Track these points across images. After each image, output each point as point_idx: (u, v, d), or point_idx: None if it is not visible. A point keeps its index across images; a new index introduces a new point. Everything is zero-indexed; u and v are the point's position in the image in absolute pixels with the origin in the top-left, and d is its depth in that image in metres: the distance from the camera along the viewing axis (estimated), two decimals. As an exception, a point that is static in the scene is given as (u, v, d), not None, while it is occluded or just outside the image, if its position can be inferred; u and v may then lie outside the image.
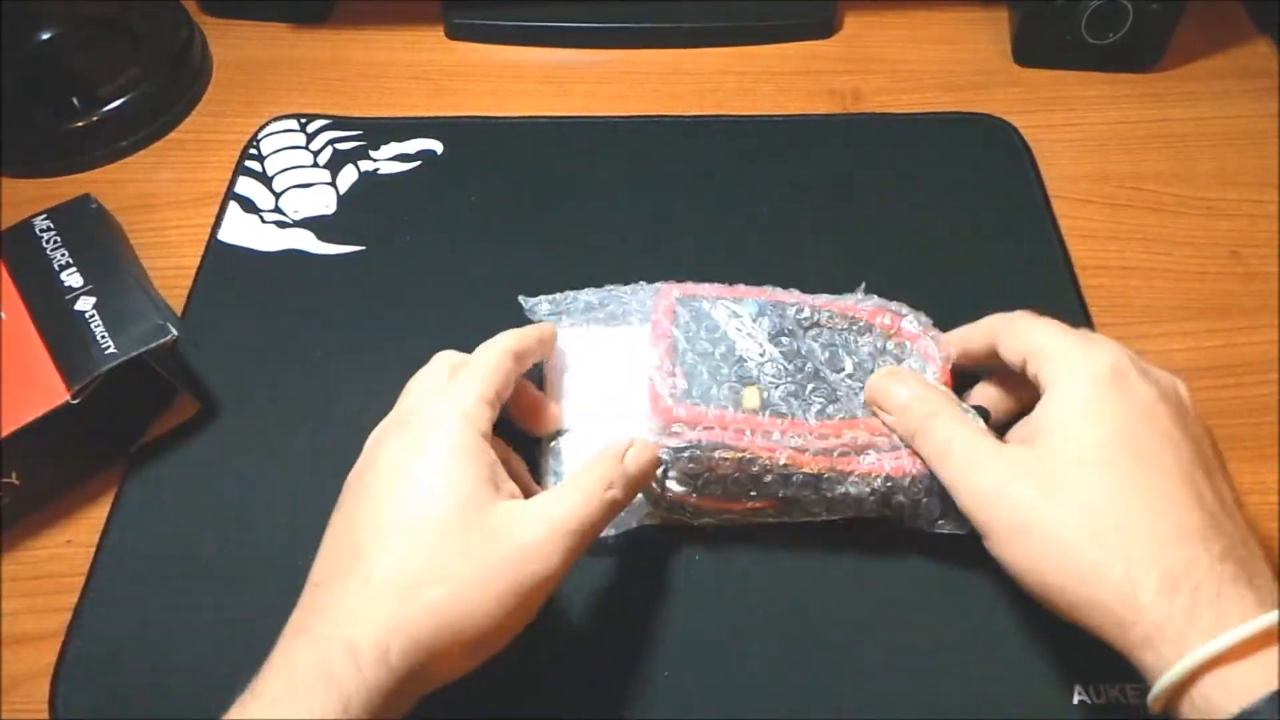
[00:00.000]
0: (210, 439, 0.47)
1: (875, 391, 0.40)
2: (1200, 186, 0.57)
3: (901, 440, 0.40)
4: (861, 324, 0.43)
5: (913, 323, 0.43)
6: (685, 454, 0.39)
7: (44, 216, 0.49)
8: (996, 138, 0.59)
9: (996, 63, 0.63)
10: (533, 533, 0.34)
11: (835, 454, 0.39)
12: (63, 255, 0.47)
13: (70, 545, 0.44)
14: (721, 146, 0.59)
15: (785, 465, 0.39)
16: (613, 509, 0.36)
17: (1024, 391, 0.41)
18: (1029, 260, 0.53)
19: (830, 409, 0.40)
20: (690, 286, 0.44)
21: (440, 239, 0.54)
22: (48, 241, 0.48)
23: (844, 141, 0.59)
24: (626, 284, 0.46)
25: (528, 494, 0.36)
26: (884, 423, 0.40)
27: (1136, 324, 0.51)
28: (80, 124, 0.59)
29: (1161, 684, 0.30)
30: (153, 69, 0.61)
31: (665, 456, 0.39)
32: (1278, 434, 0.47)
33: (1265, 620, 0.29)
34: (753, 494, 0.40)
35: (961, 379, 0.43)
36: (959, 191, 0.56)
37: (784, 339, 0.42)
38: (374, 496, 0.35)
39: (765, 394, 0.40)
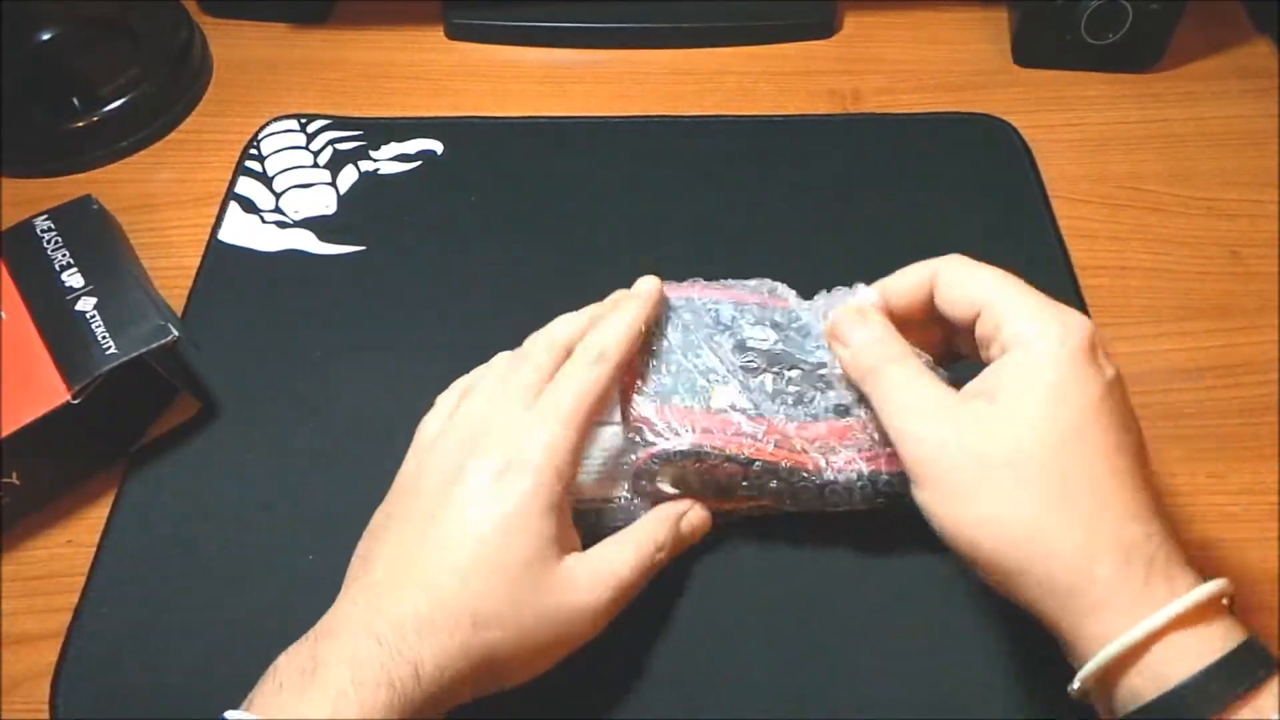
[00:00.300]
0: (210, 439, 0.47)
1: (836, 324, 0.39)
2: (1200, 186, 0.57)
3: (850, 379, 0.38)
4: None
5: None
6: (675, 457, 0.39)
7: (45, 217, 0.49)
8: (996, 138, 0.59)
9: (996, 63, 0.63)
10: (587, 595, 0.36)
11: (814, 448, 0.39)
12: (63, 256, 0.47)
13: (70, 545, 0.44)
14: (721, 146, 0.58)
15: (769, 462, 0.38)
16: (655, 570, 0.38)
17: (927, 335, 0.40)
18: (1029, 260, 0.52)
19: (802, 408, 0.40)
20: (668, 286, 0.43)
21: (440, 239, 0.54)
22: (48, 242, 0.48)
23: (844, 141, 0.59)
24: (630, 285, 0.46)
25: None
26: (838, 357, 0.39)
27: (1136, 324, 0.51)
28: (80, 124, 0.59)
29: (1107, 653, 0.30)
30: (153, 69, 0.61)
31: (655, 464, 0.39)
32: (1278, 434, 0.47)
33: (1217, 584, 0.30)
34: (744, 484, 0.40)
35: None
36: (959, 191, 0.56)
37: (757, 338, 0.41)
38: (447, 520, 0.35)
39: (736, 393, 0.40)
